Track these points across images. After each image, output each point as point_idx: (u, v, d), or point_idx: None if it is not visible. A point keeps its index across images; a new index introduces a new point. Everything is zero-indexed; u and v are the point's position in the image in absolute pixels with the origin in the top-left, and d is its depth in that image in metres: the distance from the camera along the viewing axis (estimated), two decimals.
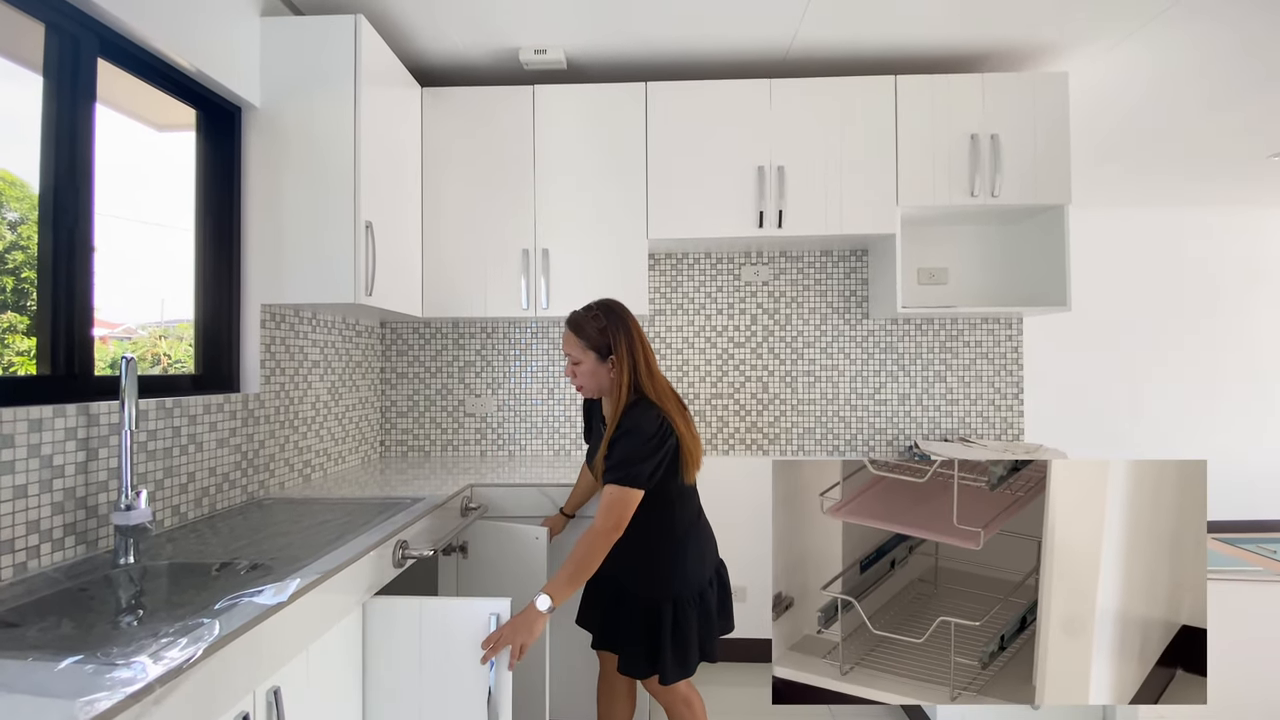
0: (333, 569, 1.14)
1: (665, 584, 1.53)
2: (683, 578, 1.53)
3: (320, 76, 1.81)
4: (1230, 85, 2.46)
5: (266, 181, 1.82)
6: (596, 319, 1.52)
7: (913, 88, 2.21)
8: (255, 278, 1.81)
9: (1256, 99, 2.58)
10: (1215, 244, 4.47)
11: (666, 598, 1.52)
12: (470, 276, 2.26)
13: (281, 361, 1.90)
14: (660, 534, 1.53)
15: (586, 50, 2.22)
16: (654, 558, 1.53)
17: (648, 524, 1.50)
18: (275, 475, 1.87)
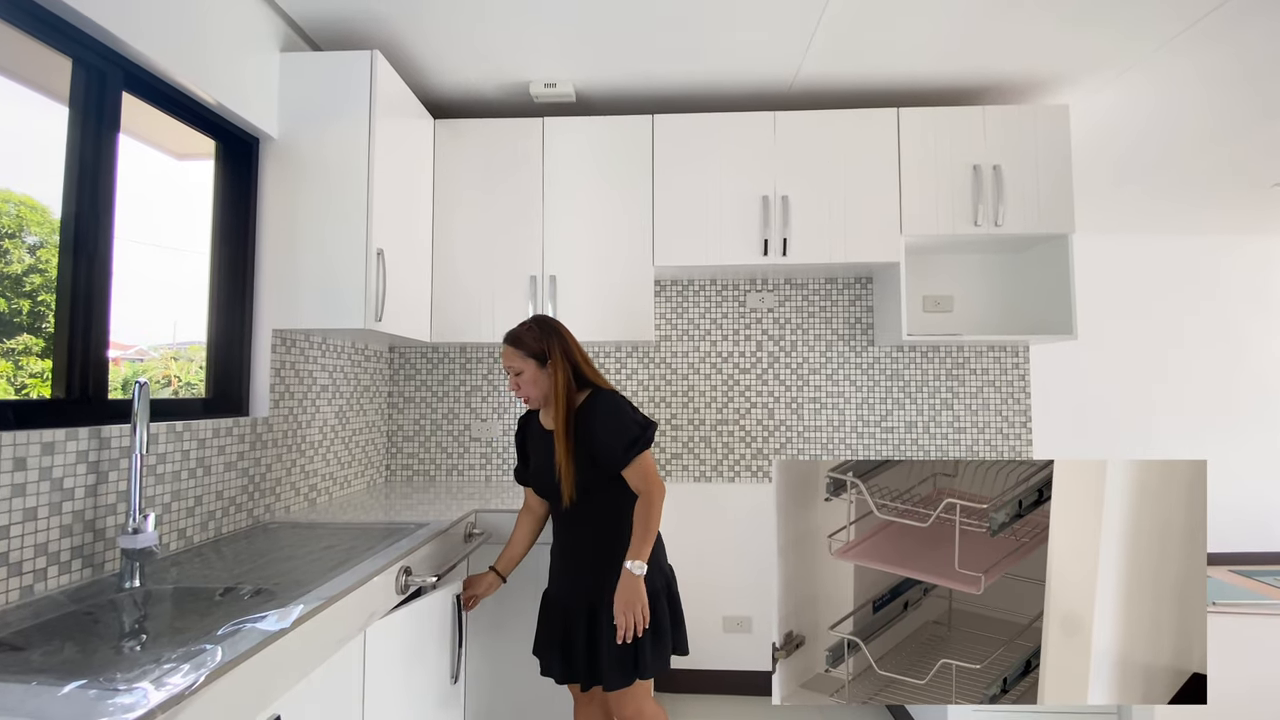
0: (336, 595, 1.14)
1: (652, 571, 1.54)
2: (656, 564, 1.56)
3: (336, 109, 1.86)
4: (1232, 117, 2.49)
5: (281, 209, 1.86)
6: (531, 330, 1.60)
7: (915, 120, 2.24)
8: (267, 303, 1.84)
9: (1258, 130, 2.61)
10: (1228, 272, 4.46)
11: (648, 589, 1.54)
12: (479, 302, 2.29)
13: (291, 385, 1.92)
14: (629, 521, 1.54)
15: (595, 84, 2.27)
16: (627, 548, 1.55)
17: (620, 513, 1.54)
18: (281, 499, 1.87)
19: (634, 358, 2.57)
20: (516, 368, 1.58)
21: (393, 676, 1.41)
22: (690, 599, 2.48)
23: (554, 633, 1.58)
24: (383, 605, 1.33)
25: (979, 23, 1.91)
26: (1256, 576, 3.98)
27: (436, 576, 1.45)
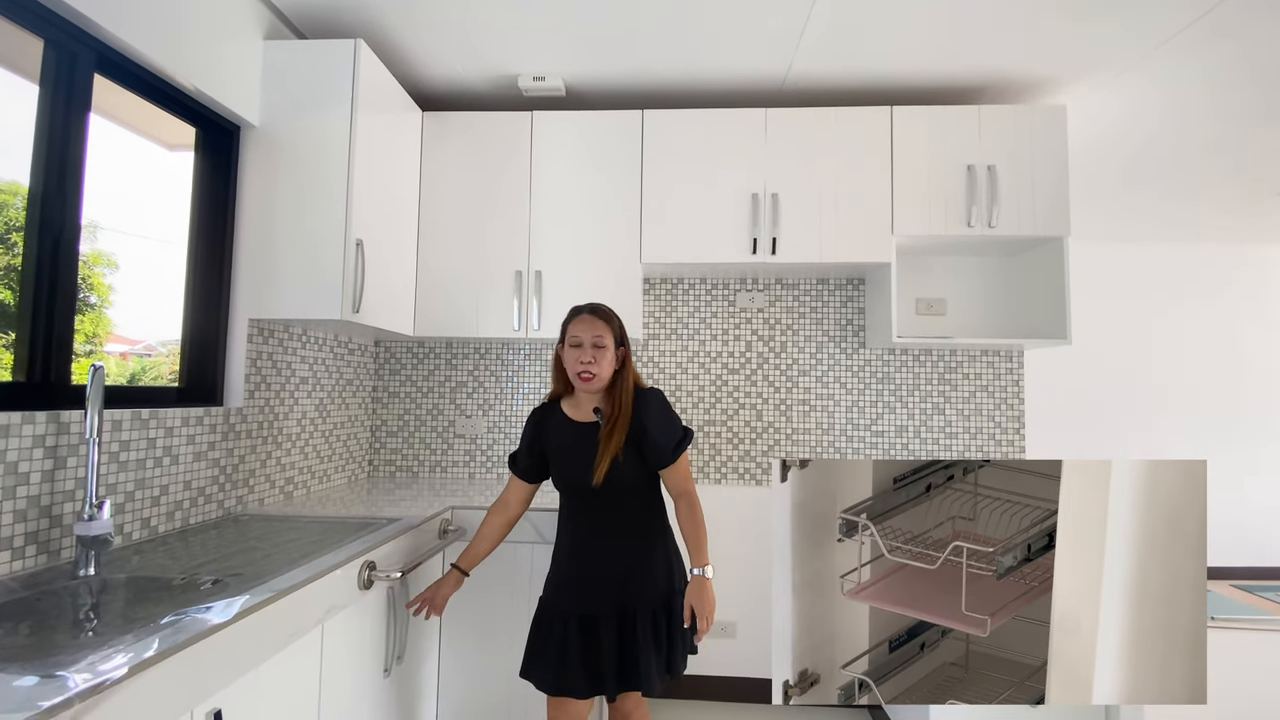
0: (286, 589, 1.11)
1: (679, 570, 1.57)
2: (683, 565, 1.57)
3: (318, 98, 1.84)
4: (1235, 120, 2.44)
5: (261, 198, 1.84)
6: (610, 310, 1.57)
7: (909, 119, 2.21)
8: (245, 292, 1.82)
9: (1262, 134, 2.56)
10: (1229, 281, 4.39)
11: (674, 589, 1.53)
12: (464, 297, 2.26)
13: (268, 376, 1.89)
14: (665, 519, 1.60)
15: (584, 78, 2.25)
16: (669, 544, 1.59)
17: (651, 514, 1.56)
18: (255, 491, 1.85)
19: None
20: (604, 341, 1.49)
21: (350, 672, 1.38)
22: None
23: (567, 644, 1.45)
24: (343, 600, 1.30)
25: (973, 18, 1.87)
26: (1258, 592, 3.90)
27: (401, 572, 1.42)
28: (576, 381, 1.50)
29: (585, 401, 1.55)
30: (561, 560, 1.55)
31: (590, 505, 1.52)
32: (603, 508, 1.51)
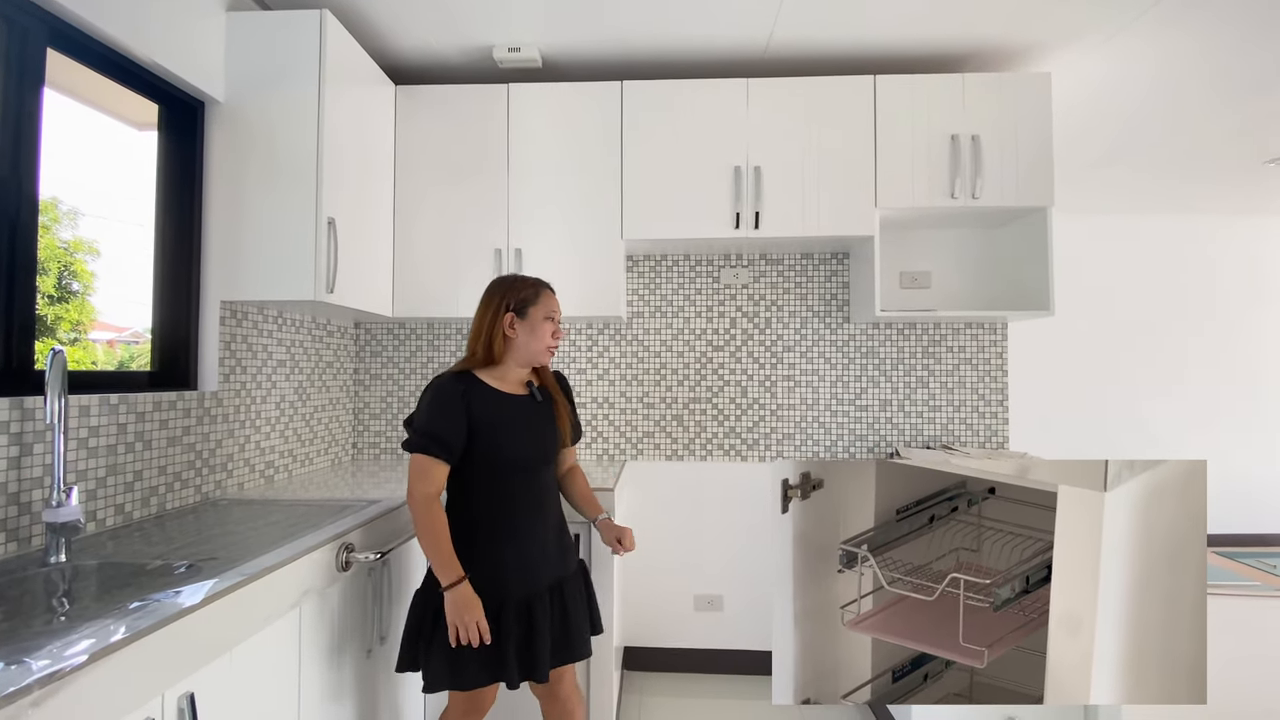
0: (258, 572, 1.10)
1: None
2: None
3: (285, 71, 1.79)
4: (1216, 89, 2.41)
5: (228, 177, 1.79)
6: None
7: (892, 88, 2.17)
8: (215, 274, 1.78)
9: (1245, 104, 2.53)
10: (1212, 251, 4.40)
11: (576, 551, 1.63)
12: (443, 276, 2.23)
13: (243, 360, 1.87)
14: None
15: (561, 49, 2.19)
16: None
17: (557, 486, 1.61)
18: (233, 475, 1.83)
19: (605, 334, 2.52)
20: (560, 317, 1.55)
21: (331, 653, 1.38)
22: (661, 578, 2.47)
23: (504, 635, 1.38)
24: (320, 582, 1.29)
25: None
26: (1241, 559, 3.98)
27: (380, 554, 1.42)
28: (541, 357, 1.51)
29: (513, 375, 1.50)
30: (492, 547, 1.41)
31: (531, 483, 1.47)
32: (540, 484, 1.49)
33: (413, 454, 1.39)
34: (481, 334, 1.48)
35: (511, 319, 1.46)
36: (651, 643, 2.46)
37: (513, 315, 1.46)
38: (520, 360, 1.49)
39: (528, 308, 1.48)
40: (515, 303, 1.47)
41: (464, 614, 1.32)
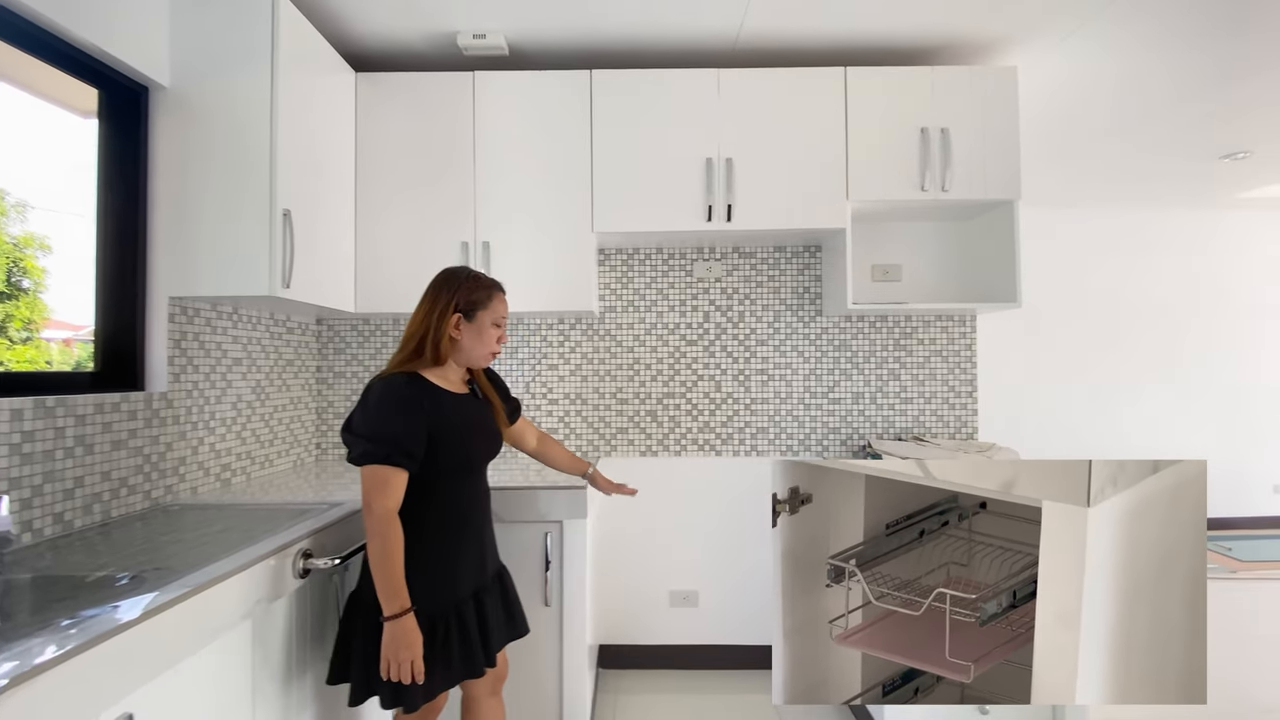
0: (204, 583, 1.04)
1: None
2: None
3: (235, 56, 1.70)
4: (1180, 83, 2.46)
5: (176, 167, 1.71)
6: None
7: (862, 80, 2.16)
8: (163, 269, 1.70)
9: (1205, 98, 2.59)
10: (1171, 244, 4.52)
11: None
12: (407, 270, 2.16)
13: (195, 358, 1.78)
14: None
15: (529, 36, 2.14)
16: None
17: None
18: (186, 479, 1.75)
19: (577, 330, 2.47)
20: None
21: (290, 663, 1.32)
22: (635, 573, 2.44)
23: (475, 623, 1.37)
24: (274, 591, 1.24)
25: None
26: None
27: (339, 559, 1.36)
28: (481, 361, 1.44)
29: (454, 374, 1.43)
30: (447, 550, 1.36)
31: (478, 480, 1.46)
32: (484, 482, 1.48)
33: (368, 465, 1.24)
34: (429, 333, 1.36)
35: (458, 320, 1.38)
36: (627, 639, 2.44)
37: (460, 317, 1.38)
38: (460, 362, 1.43)
39: (477, 311, 1.40)
40: (465, 304, 1.39)
41: (402, 651, 1.21)
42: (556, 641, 1.82)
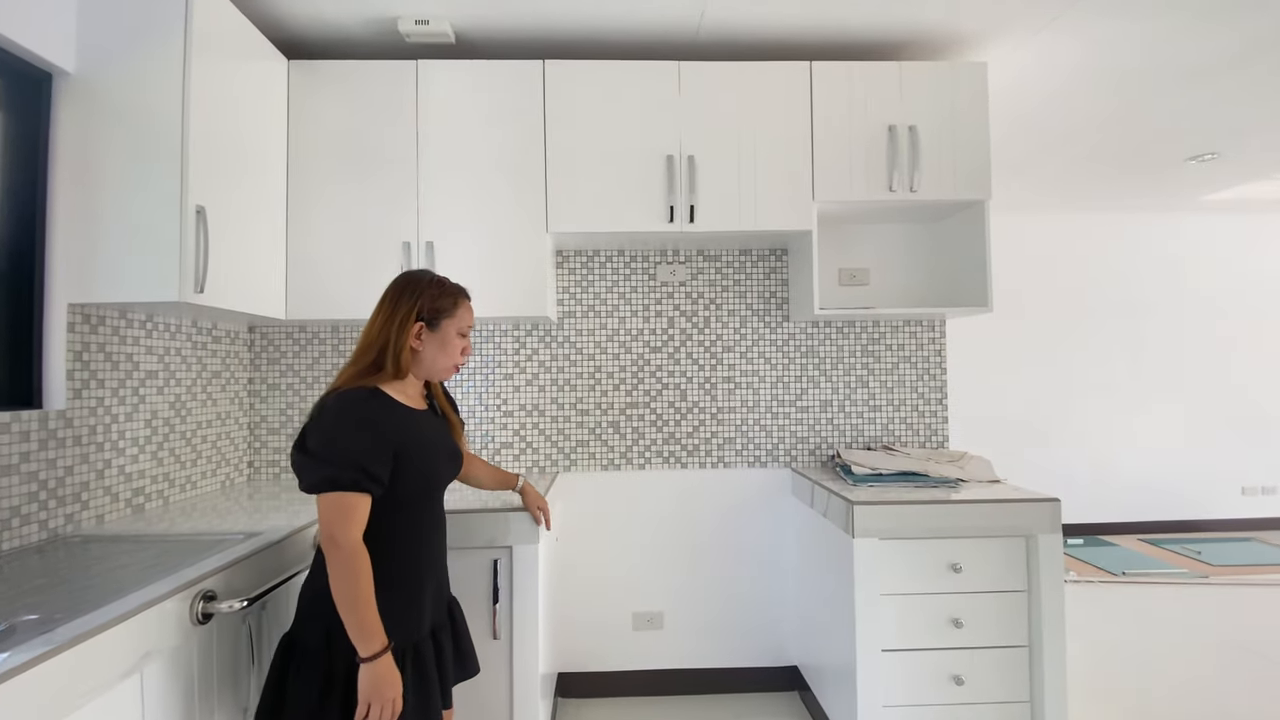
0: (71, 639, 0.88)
1: None
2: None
3: (145, 39, 1.54)
4: (1147, 84, 2.44)
5: (79, 161, 1.53)
6: None
7: (829, 75, 2.08)
8: (62, 273, 1.52)
9: (1172, 99, 2.57)
10: (1137, 247, 4.57)
11: None
12: (344, 274, 2.00)
13: (99, 372, 1.61)
14: None
15: (476, 23, 2.01)
16: None
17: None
18: (90, 507, 1.57)
19: (534, 336, 2.34)
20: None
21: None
22: (596, 595, 2.32)
23: (435, 661, 1.27)
24: (167, 641, 1.08)
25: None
26: (1164, 545, 4.13)
27: (247, 600, 1.21)
28: (443, 374, 1.32)
29: (413, 388, 1.31)
30: (409, 580, 1.24)
31: (437, 503, 1.33)
32: (441, 503, 1.35)
33: (328, 493, 1.11)
34: (389, 344, 1.23)
35: (420, 329, 1.26)
36: (587, 667, 2.31)
37: (422, 325, 1.26)
38: (420, 375, 1.30)
39: (441, 319, 1.28)
40: (428, 312, 1.27)
41: (385, 690, 1.10)
42: (506, 676, 1.68)
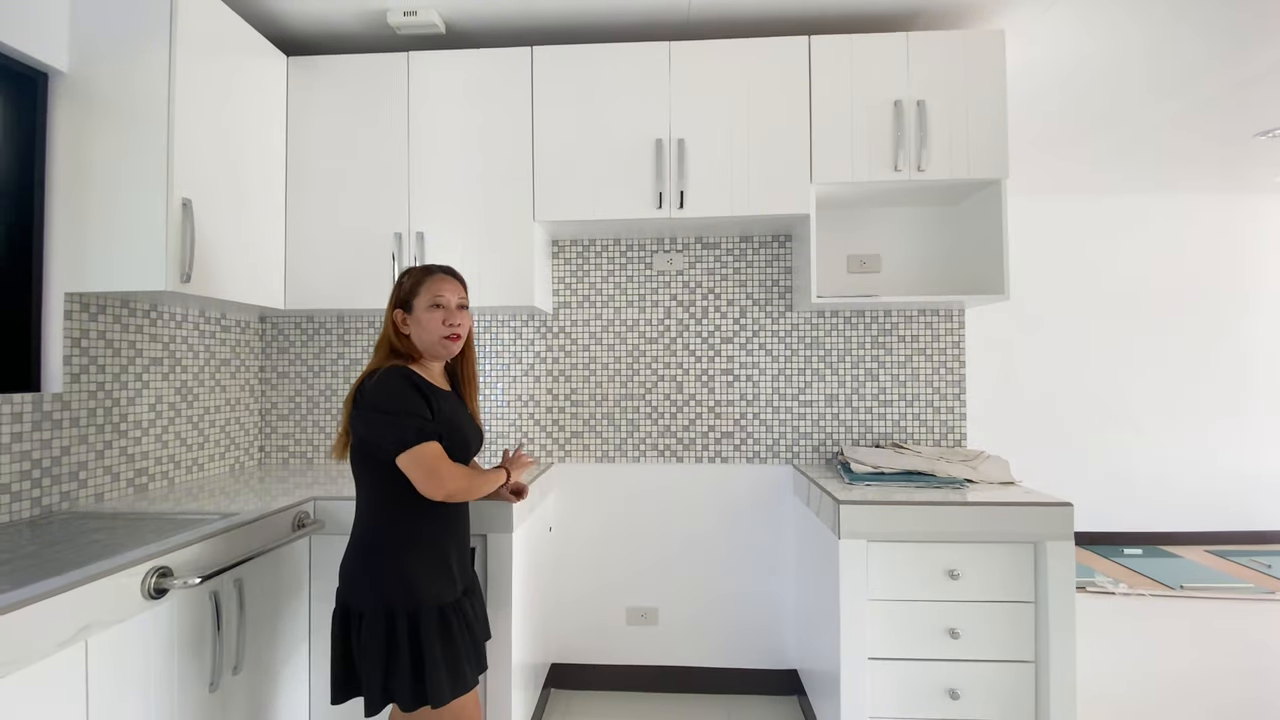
0: None
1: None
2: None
3: (134, 37, 1.61)
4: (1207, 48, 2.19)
5: (73, 157, 1.62)
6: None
7: (828, 49, 1.97)
8: (60, 264, 1.61)
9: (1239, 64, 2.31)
10: (1192, 232, 4.17)
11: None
12: (339, 264, 2.04)
13: (99, 358, 1.69)
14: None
15: (465, 13, 2.00)
16: None
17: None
18: (89, 485, 1.66)
19: (530, 327, 2.33)
20: (466, 302, 1.43)
21: (148, 693, 1.21)
22: (590, 588, 2.29)
23: (474, 626, 1.38)
24: (112, 614, 1.12)
25: None
26: (1232, 557, 3.76)
27: (201, 577, 1.24)
28: (439, 346, 1.37)
29: (435, 369, 1.43)
30: (445, 545, 1.35)
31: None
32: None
33: (410, 450, 1.23)
34: (390, 334, 1.39)
35: (402, 316, 1.39)
36: (581, 659, 2.29)
37: (401, 312, 1.39)
38: (428, 355, 1.39)
39: (413, 301, 1.38)
40: (402, 297, 1.39)
41: (520, 468, 1.50)
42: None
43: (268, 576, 1.56)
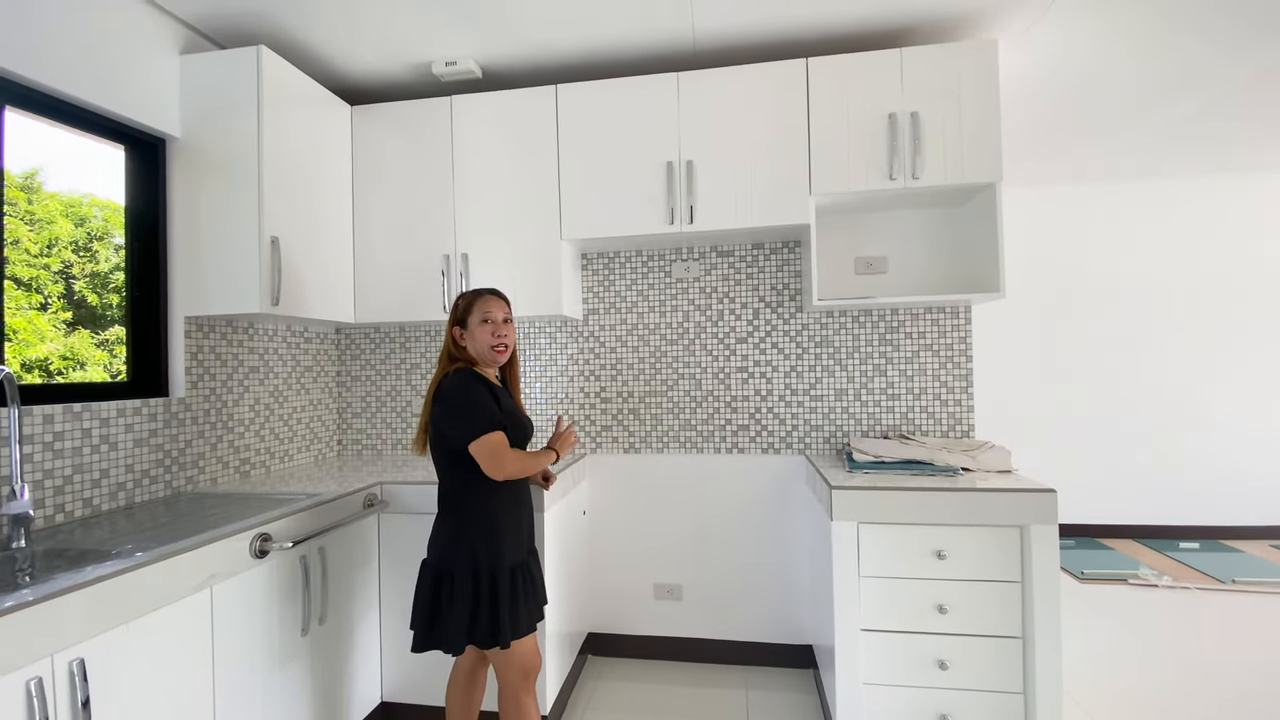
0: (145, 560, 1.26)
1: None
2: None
3: (230, 104, 1.97)
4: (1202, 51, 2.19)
5: (188, 205, 2.00)
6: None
7: (825, 69, 2.12)
8: (181, 293, 1.99)
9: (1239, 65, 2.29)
10: (1199, 221, 3.98)
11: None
12: (398, 283, 2.37)
13: (211, 368, 2.08)
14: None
15: (498, 59, 2.28)
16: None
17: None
18: (205, 471, 2.05)
19: (563, 332, 2.60)
20: (511, 317, 1.71)
21: (256, 632, 1.54)
22: (621, 566, 2.54)
23: (534, 584, 1.67)
24: (229, 568, 1.45)
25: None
26: None
27: (293, 542, 1.57)
28: (490, 355, 1.65)
29: (490, 372, 1.70)
30: (510, 520, 1.62)
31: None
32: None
33: (479, 439, 1.52)
34: (451, 347, 1.68)
35: (459, 332, 1.67)
36: (614, 629, 2.55)
37: (458, 328, 1.67)
38: (483, 362, 1.67)
39: (467, 318, 1.67)
40: (459, 316, 1.68)
41: (565, 447, 1.75)
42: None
43: (345, 546, 1.89)
